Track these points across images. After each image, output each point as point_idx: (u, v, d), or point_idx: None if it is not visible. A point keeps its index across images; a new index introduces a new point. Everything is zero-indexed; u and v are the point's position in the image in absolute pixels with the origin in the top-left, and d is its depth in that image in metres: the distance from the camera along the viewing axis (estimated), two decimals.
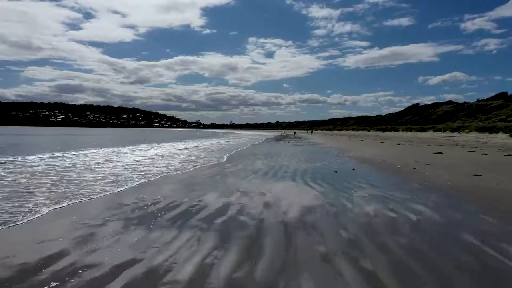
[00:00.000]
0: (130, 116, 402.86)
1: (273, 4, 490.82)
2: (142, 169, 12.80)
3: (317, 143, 36.51)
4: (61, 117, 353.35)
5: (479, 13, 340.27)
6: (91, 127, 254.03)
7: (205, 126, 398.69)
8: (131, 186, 9.26)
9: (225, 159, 17.65)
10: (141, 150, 23.98)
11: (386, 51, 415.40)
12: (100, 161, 15.40)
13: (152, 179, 10.56)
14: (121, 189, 8.78)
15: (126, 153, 20.73)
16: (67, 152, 20.26)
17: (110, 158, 16.82)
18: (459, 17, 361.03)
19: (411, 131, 71.28)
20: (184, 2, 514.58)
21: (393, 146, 26.52)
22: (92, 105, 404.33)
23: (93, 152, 20.42)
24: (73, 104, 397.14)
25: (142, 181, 10.11)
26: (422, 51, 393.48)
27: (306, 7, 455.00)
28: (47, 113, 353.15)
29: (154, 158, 17.81)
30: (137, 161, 16.01)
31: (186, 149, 26.36)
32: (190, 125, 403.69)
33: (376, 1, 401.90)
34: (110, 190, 8.60)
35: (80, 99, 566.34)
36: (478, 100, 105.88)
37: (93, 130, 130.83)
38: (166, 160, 16.83)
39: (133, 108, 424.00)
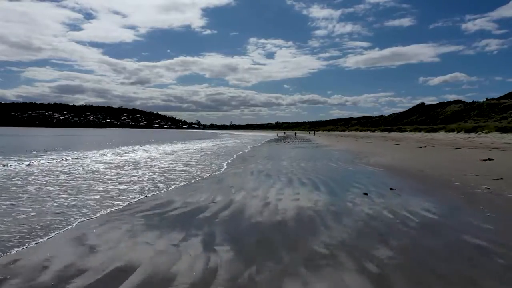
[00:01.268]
0: (130, 116, 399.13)
1: (274, 5, 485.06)
2: (95, 188, 8.73)
3: (323, 145, 32.59)
4: (60, 118, 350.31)
5: (480, 13, 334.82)
6: (91, 128, 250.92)
7: (205, 126, 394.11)
8: (48, 239, 4.87)
9: (224, 168, 13.73)
10: (114, 154, 20.07)
11: (387, 51, 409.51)
12: (38, 170, 11.48)
13: (107, 211, 6.36)
14: (24, 247, 4.62)
15: (91, 157, 16.84)
16: (10, 157, 16.37)
17: (58, 166, 12.91)
18: (460, 17, 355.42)
19: (419, 131, 67.39)
20: (184, 2, 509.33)
21: (414, 149, 22.58)
22: (92, 105, 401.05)
23: (53, 156, 16.57)
24: (73, 105, 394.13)
25: (82, 219, 5.84)
26: (423, 52, 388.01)
27: (306, 7, 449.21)
28: (46, 114, 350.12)
29: (123, 166, 13.90)
30: (94, 171, 12.09)
31: (175, 152, 22.43)
32: (190, 125, 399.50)
33: (377, 2, 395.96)
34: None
35: (81, 99, 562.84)
36: (487, 99, 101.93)
37: (89, 131, 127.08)
38: (139, 169, 12.91)
39: (133, 108, 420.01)
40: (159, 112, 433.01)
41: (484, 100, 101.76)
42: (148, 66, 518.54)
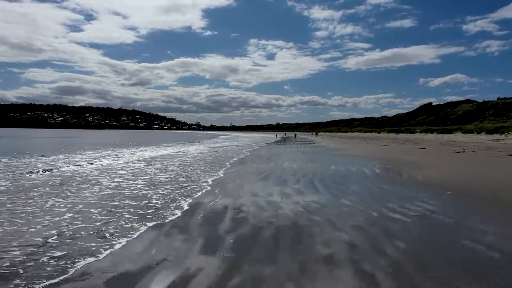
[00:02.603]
0: (130, 118, 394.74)
1: (274, 6, 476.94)
2: None
3: (332, 149, 27.69)
4: (59, 119, 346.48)
5: (481, 14, 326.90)
6: (90, 129, 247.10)
7: (204, 128, 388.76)
8: None
9: (206, 190, 8.91)
10: (68, 161, 15.11)
11: (388, 52, 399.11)
12: None
13: None
14: None
15: (19, 167, 11.89)
16: None
17: None
18: (461, 18, 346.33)
19: (431, 132, 62.70)
20: (185, 3, 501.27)
21: (453, 155, 17.69)
22: (91, 107, 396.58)
23: None
24: (72, 106, 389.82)
25: None
26: (423, 53, 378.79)
27: (307, 8, 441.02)
28: (45, 115, 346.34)
29: (35, 188, 9.08)
30: None
31: (152, 159, 17.51)
32: (190, 127, 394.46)
33: (378, 3, 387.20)
34: None
35: (81, 101, 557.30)
36: (499, 98, 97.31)
37: (84, 132, 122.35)
38: (59, 196, 8.15)
39: (133, 110, 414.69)
40: (159, 113, 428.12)
41: (496, 99, 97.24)
42: (148, 67, 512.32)
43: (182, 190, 8.90)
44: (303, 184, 9.76)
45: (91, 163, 15.41)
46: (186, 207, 7.00)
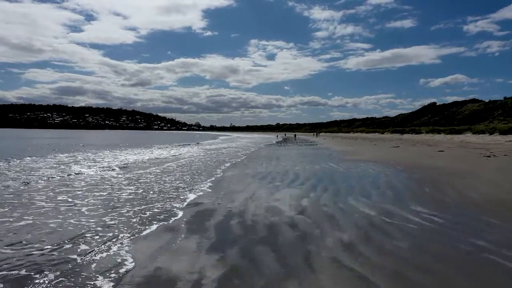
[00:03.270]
0: (130, 118, 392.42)
1: (275, 6, 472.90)
2: None
3: (336, 151, 24.96)
4: (59, 119, 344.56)
5: (482, 15, 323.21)
6: (89, 130, 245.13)
7: (204, 128, 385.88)
8: None
9: (175, 218, 6.24)
10: (13, 170, 12.40)
11: (388, 53, 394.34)
12: None
13: None
14: None
15: None
16: None
17: None
18: (462, 19, 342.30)
19: (439, 133, 59.88)
20: (185, 3, 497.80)
21: (486, 161, 14.97)
22: (91, 107, 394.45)
23: None
24: (72, 106, 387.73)
25: None
26: (424, 53, 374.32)
27: (308, 9, 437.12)
28: (45, 115, 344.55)
29: None
30: None
31: (134, 165, 14.75)
32: (189, 127, 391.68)
33: (379, 3, 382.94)
34: None
35: (81, 101, 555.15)
36: (505, 98, 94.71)
37: (83, 133, 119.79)
38: None
39: (133, 110, 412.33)
40: (159, 114, 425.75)
41: (503, 98, 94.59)
42: (148, 67, 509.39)
43: (138, 219, 6.19)
44: (310, 203, 7.07)
45: (62, 172, 12.68)
46: (126, 267, 4.16)
